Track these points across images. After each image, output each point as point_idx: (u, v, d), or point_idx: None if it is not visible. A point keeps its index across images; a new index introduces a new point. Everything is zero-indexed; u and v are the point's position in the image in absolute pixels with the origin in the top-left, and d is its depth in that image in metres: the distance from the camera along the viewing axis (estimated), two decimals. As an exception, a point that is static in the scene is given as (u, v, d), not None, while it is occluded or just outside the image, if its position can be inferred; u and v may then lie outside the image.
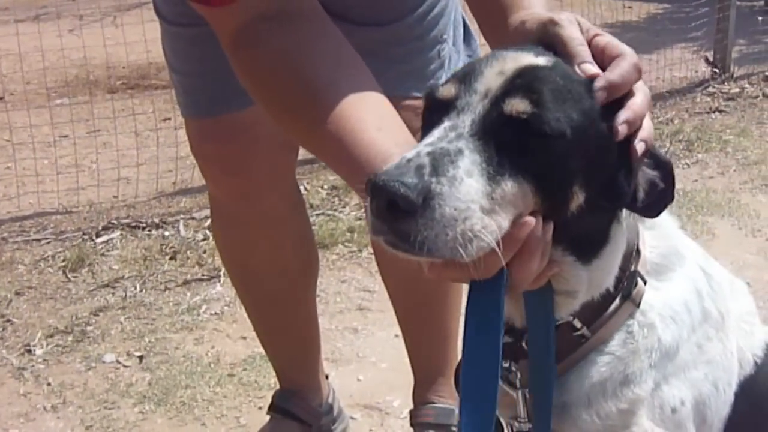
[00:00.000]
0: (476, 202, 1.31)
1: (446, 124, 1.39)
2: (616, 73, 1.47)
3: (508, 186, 1.36)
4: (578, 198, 1.44)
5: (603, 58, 1.51)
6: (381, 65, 2.16)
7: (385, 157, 1.50)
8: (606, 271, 1.58)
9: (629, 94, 1.49)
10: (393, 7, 2.34)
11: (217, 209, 2.69)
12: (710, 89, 7.30)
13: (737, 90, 7.26)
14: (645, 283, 1.66)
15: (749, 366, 1.82)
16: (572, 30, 1.55)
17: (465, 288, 2.72)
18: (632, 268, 1.64)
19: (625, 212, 1.57)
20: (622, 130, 1.44)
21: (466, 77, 1.45)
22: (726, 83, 7.41)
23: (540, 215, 1.41)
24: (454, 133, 1.36)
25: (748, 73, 7.64)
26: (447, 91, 1.46)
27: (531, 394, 1.65)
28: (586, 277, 1.55)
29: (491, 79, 1.43)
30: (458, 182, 1.30)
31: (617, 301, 1.63)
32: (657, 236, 1.71)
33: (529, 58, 1.48)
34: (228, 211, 2.62)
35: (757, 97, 7.09)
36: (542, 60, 1.48)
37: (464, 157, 1.33)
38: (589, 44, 1.54)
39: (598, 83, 1.46)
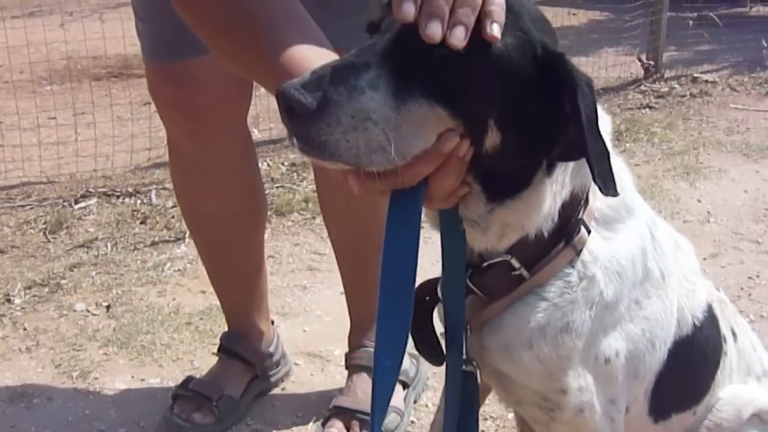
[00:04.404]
0: (378, 113, 1.25)
1: (368, 43, 1.32)
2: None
3: (417, 105, 1.28)
4: (493, 136, 1.34)
5: None
6: (331, 18, 2.16)
7: None
8: (526, 213, 1.48)
9: None
10: None
11: (173, 152, 2.71)
12: (642, 88, 7.34)
13: (667, 89, 7.29)
14: (589, 233, 1.57)
15: (687, 327, 1.78)
16: None
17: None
18: (578, 216, 1.56)
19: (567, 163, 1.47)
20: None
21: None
22: (657, 83, 7.47)
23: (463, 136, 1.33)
24: (369, 50, 1.29)
25: (677, 74, 7.70)
26: (375, 15, 1.38)
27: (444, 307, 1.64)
28: (485, 210, 1.47)
29: None
30: (358, 93, 1.24)
31: (560, 246, 1.56)
32: None
33: None
34: (182, 154, 2.65)
35: (684, 96, 7.12)
36: None
37: (370, 70, 1.26)
38: None
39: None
